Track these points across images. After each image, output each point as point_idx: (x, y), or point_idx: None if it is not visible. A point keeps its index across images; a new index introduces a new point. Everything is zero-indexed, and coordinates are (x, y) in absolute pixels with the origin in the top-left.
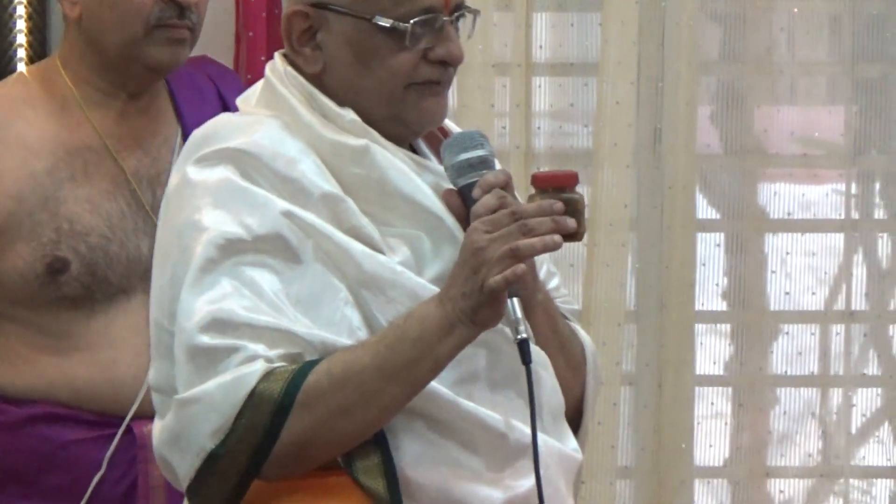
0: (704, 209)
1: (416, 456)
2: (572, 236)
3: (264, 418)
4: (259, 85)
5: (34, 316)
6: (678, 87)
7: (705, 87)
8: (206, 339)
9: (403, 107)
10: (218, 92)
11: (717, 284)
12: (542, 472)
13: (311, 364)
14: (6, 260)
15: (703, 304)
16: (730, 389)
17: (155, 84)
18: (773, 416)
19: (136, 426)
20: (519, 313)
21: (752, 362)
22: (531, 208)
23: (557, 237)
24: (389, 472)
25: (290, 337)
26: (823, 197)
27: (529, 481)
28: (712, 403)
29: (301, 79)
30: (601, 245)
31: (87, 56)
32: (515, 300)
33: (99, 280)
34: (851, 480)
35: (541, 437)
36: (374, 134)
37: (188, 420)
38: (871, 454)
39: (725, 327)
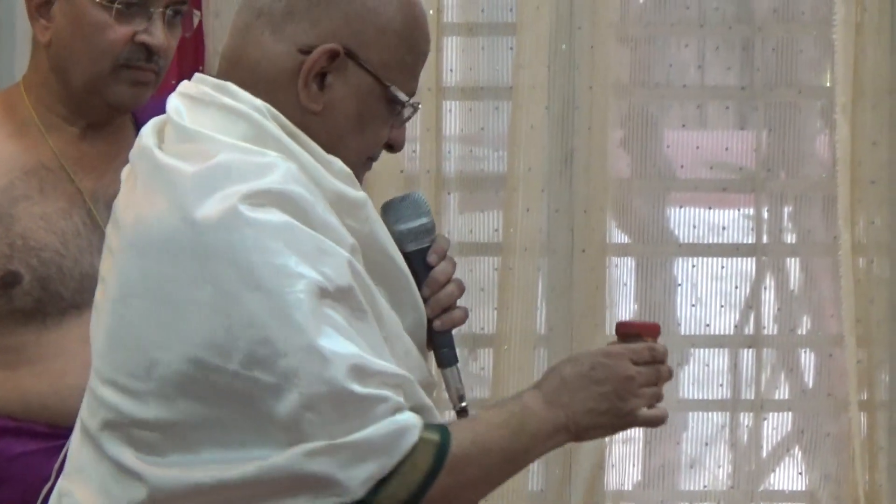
0: (616, 233)
1: None
2: None
3: (420, 475)
4: (225, 118)
5: None
6: (590, 112)
7: (617, 111)
8: (357, 388)
9: (361, 172)
10: None
11: (628, 308)
12: None
13: (446, 429)
14: None
15: (614, 328)
16: None
17: (114, 118)
18: (684, 441)
19: None
20: (461, 382)
21: (663, 386)
22: (661, 350)
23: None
24: None
25: (412, 386)
26: (734, 221)
27: None
28: None
29: (283, 118)
30: (514, 269)
31: (50, 82)
32: (456, 367)
33: (51, 294)
34: None
35: None
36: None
37: (336, 466)
38: (782, 478)
39: None
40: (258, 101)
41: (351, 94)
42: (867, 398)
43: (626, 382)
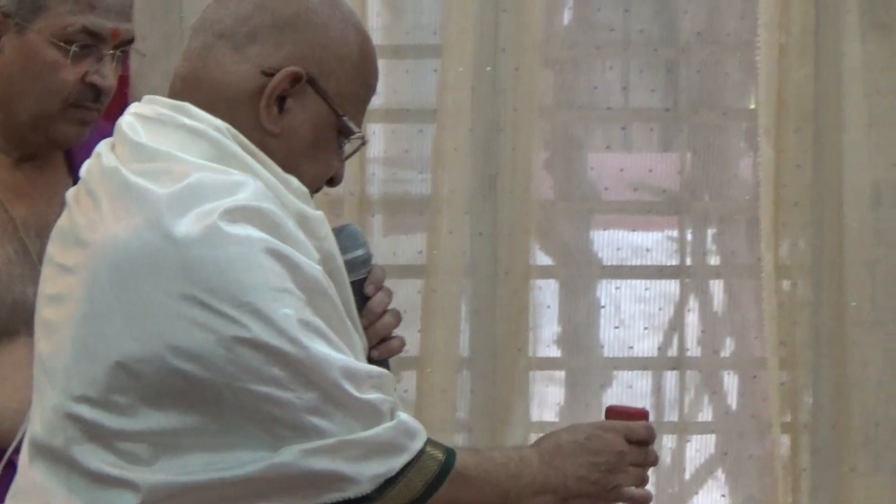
0: (539, 255)
1: None
2: None
3: (424, 482)
4: (185, 137)
5: None
6: (514, 134)
7: (541, 134)
8: (354, 391)
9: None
10: None
11: (552, 331)
12: None
13: (451, 447)
14: None
15: (537, 351)
16: None
17: (51, 152)
18: None
19: (17, 459)
20: None
21: (585, 408)
22: (654, 433)
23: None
24: None
25: (392, 384)
26: (657, 243)
27: None
28: None
29: (243, 137)
30: (438, 291)
31: None
32: None
33: None
34: None
35: None
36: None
37: (344, 462)
38: (705, 500)
39: (560, 374)
40: (218, 121)
41: (308, 120)
42: (790, 420)
43: (618, 457)
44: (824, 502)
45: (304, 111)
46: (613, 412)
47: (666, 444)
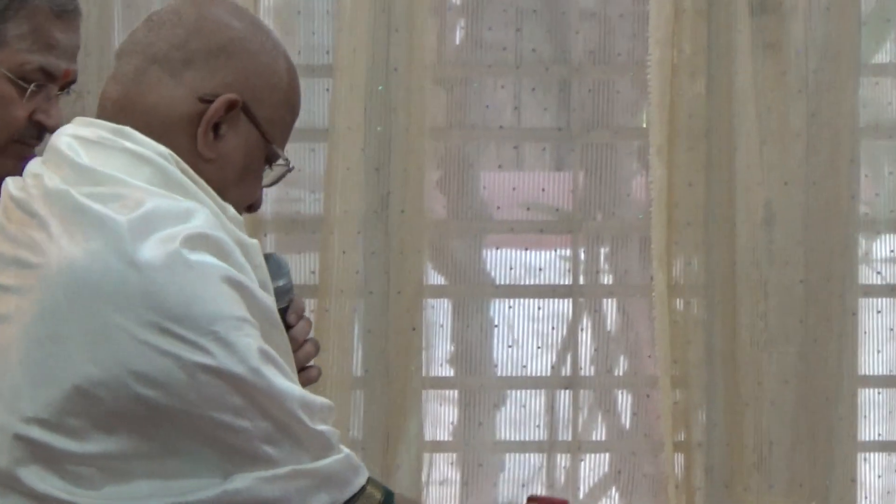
0: (432, 275)
1: None
2: None
3: None
4: (129, 162)
5: None
6: (406, 153)
7: (433, 153)
8: (309, 422)
9: None
10: None
11: (445, 350)
12: None
13: (389, 488)
14: None
15: (430, 370)
16: (456, 455)
17: None
18: (501, 482)
19: None
20: None
21: (479, 428)
22: None
23: None
24: None
25: (333, 416)
26: (550, 262)
27: None
28: (440, 469)
29: (185, 164)
30: (330, 311)
31: None
32: None
33: None
34: None
35: None
36: None
37: (294, 492)
38: None
39: (453, 393)
40: (161, 147)
41: (240, 147)
42: (684, 439)
43: None
44: None
45: (236, 137)
46: (534, 501)
47: (560, 464)
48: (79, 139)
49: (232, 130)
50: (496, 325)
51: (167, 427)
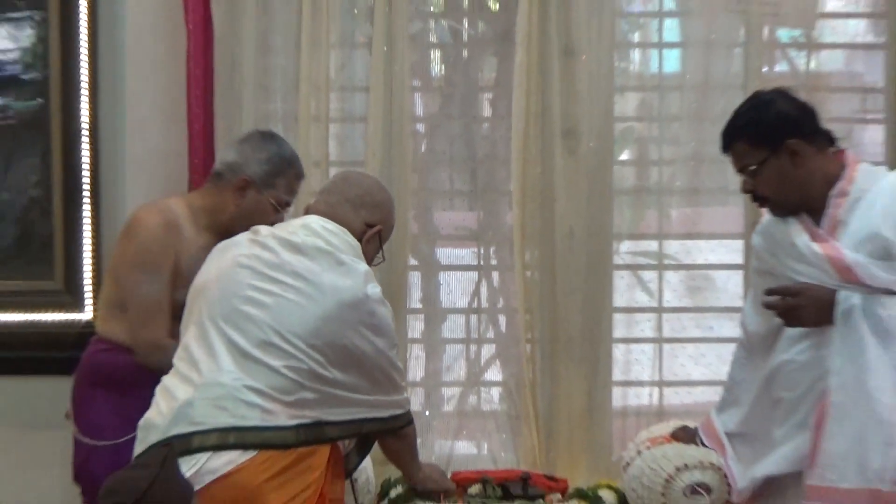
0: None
1: None
2: None
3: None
4: (344, 243)
5: None
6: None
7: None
8: (399, 379)
9: None
10: None
11: (417, 297)
12: None
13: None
14: None
15: (412, 304)
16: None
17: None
18: None
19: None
20: None
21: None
22: None
23: None
24: None
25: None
26: (467, 254)
27: None
28: None
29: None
30: None
31: (214, 214)
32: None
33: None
34: None
35: None
36: None
37: (405, 401)
38: None
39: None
40: (353, 240)
41: (375, 249)
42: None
43: None
44: None
45: (374, 243)
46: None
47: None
48: (321, 226)
49: (374, 240)
50: (441, 284)
51: (363, 371)
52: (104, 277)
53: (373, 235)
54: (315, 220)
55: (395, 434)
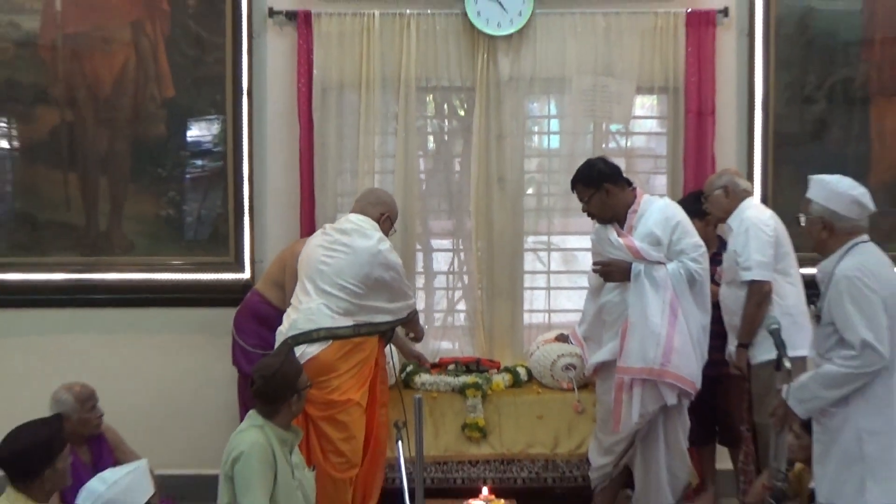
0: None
1: None
2: None
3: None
4: (369, 223)
5: None
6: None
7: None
8: (410, 293)
9: None
10: None
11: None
12: None
13: None
14: None
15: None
16: None
17: None
18: None
19: None
20: None
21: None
22: None
23: None
24: None
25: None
26: (451, 244)
27: None
28: None
29: (379, 227)
30: None
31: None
32: None
33: None
34: None
35: None
36: None
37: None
38: None
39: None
40: (373, 222)
41: (388, 227)
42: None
43: None
44: None
45: (385, 225)
46: None
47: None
48: (355, 217)
49: (386, 221)
50: (433, 258)
51: (386, 290)
52: (271, 264)
53: (385, 219)
54: (352, 216)
55: (407, 320)
